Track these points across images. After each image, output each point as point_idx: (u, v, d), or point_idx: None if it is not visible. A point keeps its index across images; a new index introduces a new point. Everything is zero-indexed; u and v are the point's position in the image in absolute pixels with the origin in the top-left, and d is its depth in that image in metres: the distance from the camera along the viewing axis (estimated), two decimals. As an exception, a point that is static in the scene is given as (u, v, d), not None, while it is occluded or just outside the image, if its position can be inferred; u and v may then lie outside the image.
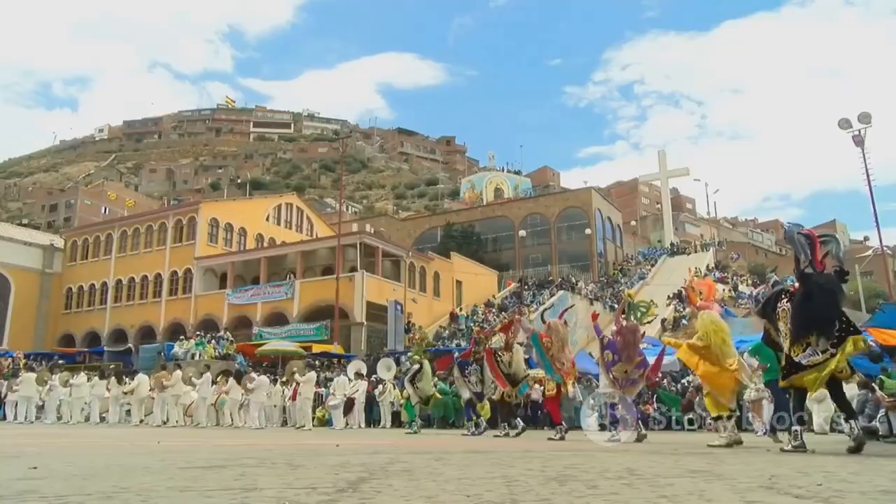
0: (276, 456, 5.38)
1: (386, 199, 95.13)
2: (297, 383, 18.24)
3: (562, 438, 10.12)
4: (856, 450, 5.71)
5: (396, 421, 19.93)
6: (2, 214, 73.01)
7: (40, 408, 21.46)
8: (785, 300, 6.42)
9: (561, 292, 36.52)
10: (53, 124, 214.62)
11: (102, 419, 19.90)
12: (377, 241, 36.29)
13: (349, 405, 18.29)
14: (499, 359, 11.83)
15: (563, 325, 11.43)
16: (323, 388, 21.10)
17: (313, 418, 18.89)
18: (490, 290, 41.32)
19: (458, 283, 39.78)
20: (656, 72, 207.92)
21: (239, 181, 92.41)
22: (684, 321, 32.26)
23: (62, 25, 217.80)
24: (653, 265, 47.81)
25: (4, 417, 22.15)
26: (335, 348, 28.49)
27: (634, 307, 11.05)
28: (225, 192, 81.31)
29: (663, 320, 32.83)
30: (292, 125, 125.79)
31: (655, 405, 19.09)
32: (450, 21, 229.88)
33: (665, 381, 19.83)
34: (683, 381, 20.05)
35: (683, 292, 9.94)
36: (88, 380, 20.98)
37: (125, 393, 19.12)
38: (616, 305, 38.96)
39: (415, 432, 13.96)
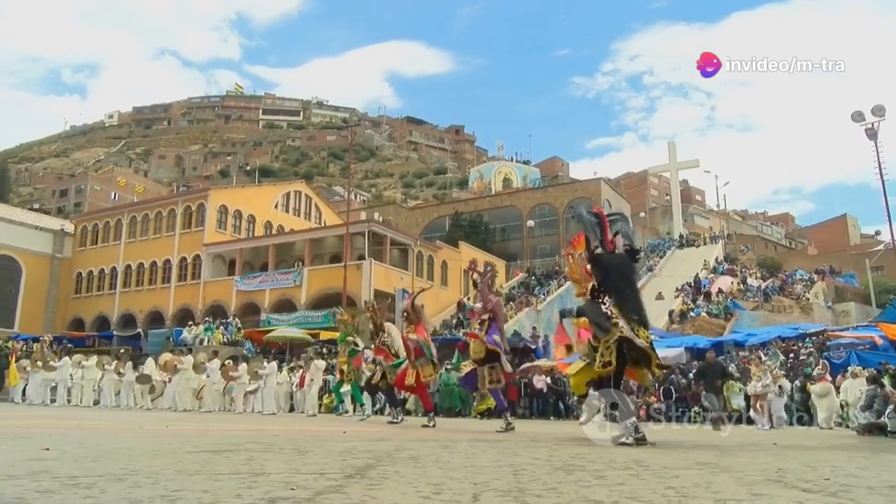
0: (282, 442, 5.41)
1: (394, 187, 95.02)
2: (305, 370, 18.32)
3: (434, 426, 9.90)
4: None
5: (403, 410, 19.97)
6: (13, 199, 73.33)
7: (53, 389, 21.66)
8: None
9: (568, 283, 36.44)
10: (63, 110, 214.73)
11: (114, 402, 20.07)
12: (385, 229, 36.30)
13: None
14: (384, 341, 11.45)
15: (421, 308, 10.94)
16: (330, 375, 21.18)
17: (320, 405, 18.99)
18: (498, 280, 41.27)
19: (466, 272, 39.70)
20: (665, 63, 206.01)
21: (248, 168, 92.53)
22: (692, 314, 32.25)
23: (69, 12, 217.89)
24: (661, 257, 47.66)
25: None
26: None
27: None
28: (234, 179, 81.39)
29: (671, 312, 32.79)
30: (301, 113, 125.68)
31: (662, 398, 19.03)
32: (456, 9, 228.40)
33: (673, 375, 19.77)
34: (690, 374, 20.01)
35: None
36: (100, 364, 21.13)
37: (145, 375, 19.25)
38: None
39: (365, 417, 13.54)
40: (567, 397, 19.34)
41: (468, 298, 13.31)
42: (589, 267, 6.46)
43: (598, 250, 6.16)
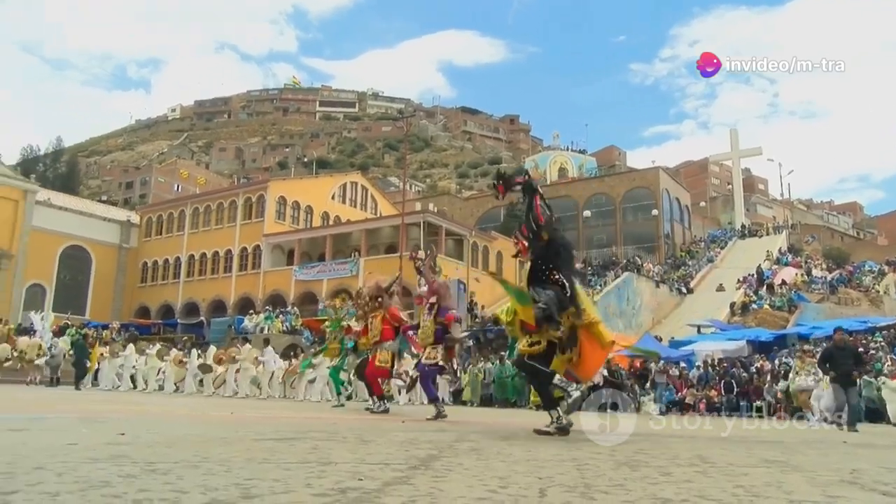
0: (344, 430, 5.50)
1: (449, 177, 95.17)
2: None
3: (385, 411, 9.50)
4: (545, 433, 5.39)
5: (457, 399, 20.08)
6: (83, 191, 76.22)
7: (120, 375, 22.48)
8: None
9: (626, 274, 35.96)
10: (129, 105, 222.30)
11: (177, 388, 20.73)
12: (440, 219, 36.43)
13: (412, 382, 18.49)
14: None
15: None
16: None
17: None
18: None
19: (522, 263, 39.57)
20: (726, 48, 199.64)
21: (305, 160, 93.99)
22: (754, 306, 31.42)
23: (134, 9, 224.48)
24: (722, 248, 46.57)
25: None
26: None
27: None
28: (292, 170, 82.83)
29: (732, 304, 32.03)
30: (357, 104, 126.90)
31: (723, 390, 18.63)
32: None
33: (734, 368, 19.35)
34: (753, 367, 19.56)
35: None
36: (164, 351, 21.86)
37: (206, 364, 19.83)
38: (684, 289, 38.31)
39: (341, 405, 13.19)
40: (625, 390, 19.13)
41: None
42: (526, 242, 5.69)
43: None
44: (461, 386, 20.28)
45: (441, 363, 8.87)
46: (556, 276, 5.42)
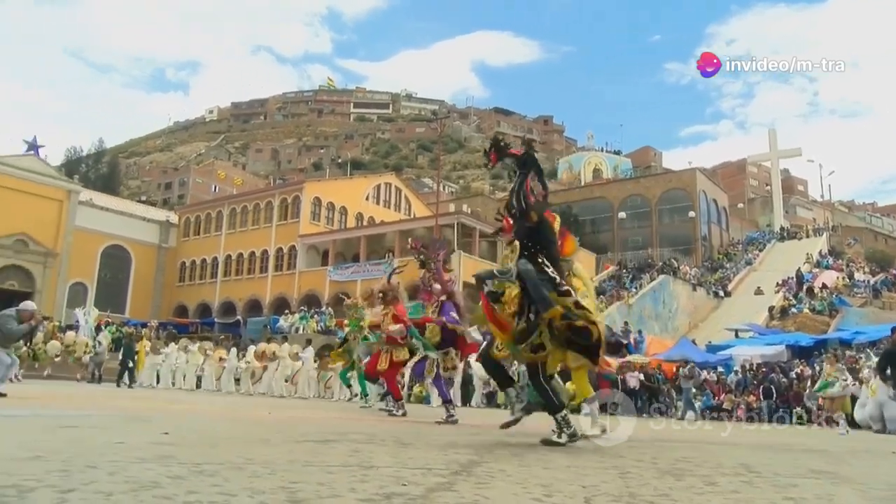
0: (382, 433, 5.52)
1: (482, 178, 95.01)
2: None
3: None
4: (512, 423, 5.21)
5: (492, 401, 20.01)
6: (123, 192, 77.81)
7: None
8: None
9: (662, 276, 35.54)
10: (168, 107, 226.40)
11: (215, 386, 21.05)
12: (474, 220, 36.40)
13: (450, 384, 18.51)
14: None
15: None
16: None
17: (410, 395, 19.27)
18: (588, 273, 40.67)
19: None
20: (764, 46, 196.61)
21: (340, 161, 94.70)
22: (794, 310, 30.82)
23: (173, 14, 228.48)
24: (761, 250, 45.77)
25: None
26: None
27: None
28: (327, 171, 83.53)
29: (771, 308, 31.46)
30: (390, 106, 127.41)
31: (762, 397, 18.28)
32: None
33: (773, 374, 18.97)
34: (792, 373, 19.17)
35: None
36: (203, 349, 22.21)
37: (247, 362, 20.12)
38: (721, 292, 37.72)
39: (367, 406, 13.05)
40: (661, 395, 18.92)
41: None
42: (512, 218, 5.17)
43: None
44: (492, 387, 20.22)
45: (457, 367, 8.83)
46: (541, 260, 4.83)
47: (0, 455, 3.02)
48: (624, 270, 39.64)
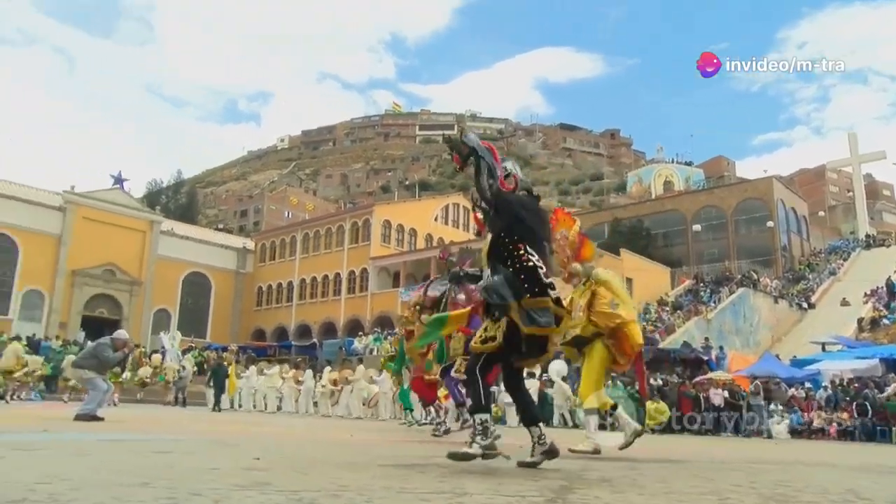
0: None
1: (550, 195, 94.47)
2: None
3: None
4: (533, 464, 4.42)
5: (570, 421, 19.70)
6: (201, 220, 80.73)
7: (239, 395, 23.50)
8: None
9: (741, 290, 34.39)
10: (241, 137, 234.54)
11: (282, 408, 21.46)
12: (544, 238, 36.16)
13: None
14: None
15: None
16: (495, 386, 21.32)
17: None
18: (662, 288, 39.78)
19: (629, 280, 38.68)
20: (839, 48, 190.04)
21: (407, 183, 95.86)
22: (885, 321, 29.28)
23: (242, 48, 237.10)
24: (845, 259, 43.79)
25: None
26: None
27: None
28: (395, 194, 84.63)
29: (860, 320, 30.00)
30: (455, 126, 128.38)
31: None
32: (606, 11, 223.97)
33: (867, 389, 18.03)
34: (888, 388, 18.15)
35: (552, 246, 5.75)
36: (281, 372, 22.72)
37: (324, 386, 20.49)
38: (804, 304, 36.22)
39: (409, 424, 12.98)
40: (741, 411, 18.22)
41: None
42: (480, 215, 4.75)
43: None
44: (572, 405, 19.90)
45: None
46: (521, 253, 4.37)
47: (110, 481, 3.15)
48: (701, 284, 38.56)
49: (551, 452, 4.37)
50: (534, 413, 4.64)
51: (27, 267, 37.06)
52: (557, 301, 4.39)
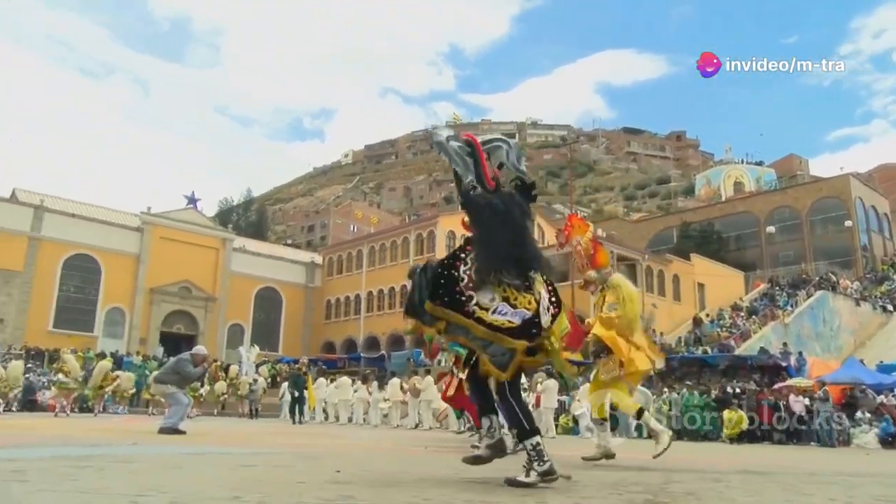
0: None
1: (615, 201, 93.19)
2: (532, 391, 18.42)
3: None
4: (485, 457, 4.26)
5: (641, 432, 19.29)
6: (270, 237, 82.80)
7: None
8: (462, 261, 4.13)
9: (819, 292, 33.10)
10: (307, 154, 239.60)
11: (363, 420, 21.70)
12: (610, 245, 35.62)
13: (594, 414, 18.09)
14: None
15: None
16: (565, 396, 21.09)
17: (557, 426, 18.98)
18: (736, 292, 38.65)
19: (700, 285, 37.76)
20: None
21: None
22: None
23: (304, 66, 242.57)
24: (935, 259, 41.70)
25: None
26: (573, 355, 28.33)
27: None
28: (458, 204, 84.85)
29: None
30: (516, 134, 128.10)
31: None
32: (667, 10, 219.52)
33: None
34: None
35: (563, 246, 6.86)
36: (353, 384, 23.02)
37: (385, 399, 20.71)
38: (889, 306, 34.57)
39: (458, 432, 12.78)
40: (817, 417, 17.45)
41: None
42: (467, 218, 4.36)
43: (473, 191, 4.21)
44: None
45: None
46: (462, 256, 4.16)
47: (204, 494, 3.26)
48: (776, 288, 37.28)
49: (549, 473, 3.91)
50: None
51: (109, 286, 38.71)
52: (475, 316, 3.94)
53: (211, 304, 41.77)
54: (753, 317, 31.95)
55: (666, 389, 20.16)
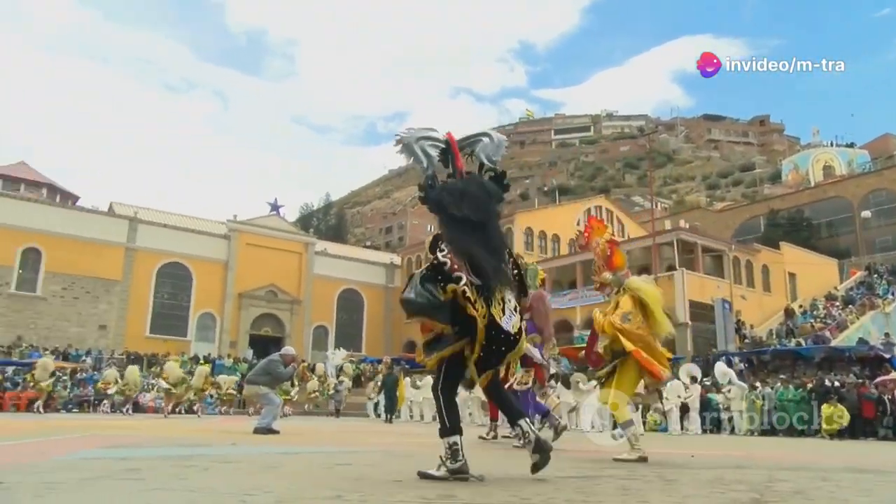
0: (639, 466, 5.37)
1: (697, 190, 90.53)
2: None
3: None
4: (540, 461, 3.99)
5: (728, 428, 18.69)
6: (350, 240, 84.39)
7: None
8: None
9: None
10: (382, 157, 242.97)
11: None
12: (695, 236, 34.65)
13: (684, 410, 17.67)
14: None
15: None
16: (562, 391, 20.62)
17: (644, 423, 18.63)
18: (830, 282, 36.92)
19: (791, 275, 36.23)
20: None
21: (545, 189, 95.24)
22: None
23: (375, 72, 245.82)
24: None
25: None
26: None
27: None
28: (535, 201, 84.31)
29: None
30: (591, 128, 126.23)
31: None
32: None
33: None
34: None
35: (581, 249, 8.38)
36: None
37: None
38: None
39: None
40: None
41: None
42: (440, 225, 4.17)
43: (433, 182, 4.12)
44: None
45: (530, 386, 8.51)
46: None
47: (306, 494, 3.36)
48: (874, 275, 35.39)
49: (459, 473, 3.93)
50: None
51: (200, 292, 40.38)
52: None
53: (296, 307, 42.94)
54: (850, 306, 30.46)
55: (759, 383, 19.45)
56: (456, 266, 3.96)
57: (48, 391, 22.87)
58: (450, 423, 4.04)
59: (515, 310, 4.16)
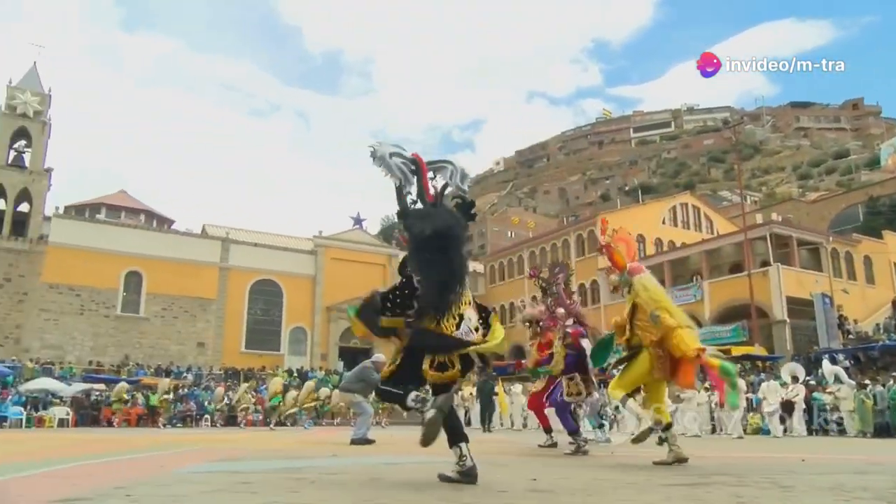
0: (748, 471, 5.19)
1: (788, 181, 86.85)
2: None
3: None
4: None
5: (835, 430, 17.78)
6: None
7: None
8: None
9: None
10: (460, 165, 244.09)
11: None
12: (789, 229, 33.25)
13: (787, 411, 16.95)
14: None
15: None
16: (752, 394, 19.91)
17: (745, 425, 17.99)
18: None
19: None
20: None
21: (627, 188, 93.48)
22: None
23: (452, 82, 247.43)
24: None
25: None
26: (756, 350, 26.76)
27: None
28: (617, 201, 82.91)
29: None
30: (672, 123, 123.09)
31: None
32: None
33: None
34: None
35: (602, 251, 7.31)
36: (523, 391, 23.17)
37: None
38: None
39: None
40: None
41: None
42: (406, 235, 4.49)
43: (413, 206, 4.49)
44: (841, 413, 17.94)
45: (583, 392, 8.28)
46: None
47: (406, 501, 3.41)
48: None
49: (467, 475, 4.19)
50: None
51: (291, 307, 41.66)
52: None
53: (382, 319, 43.63)
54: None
55: (868, 381, 18.43)
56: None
57: (163, 407, 24.52)
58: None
59: (477, 329, 4.46)
